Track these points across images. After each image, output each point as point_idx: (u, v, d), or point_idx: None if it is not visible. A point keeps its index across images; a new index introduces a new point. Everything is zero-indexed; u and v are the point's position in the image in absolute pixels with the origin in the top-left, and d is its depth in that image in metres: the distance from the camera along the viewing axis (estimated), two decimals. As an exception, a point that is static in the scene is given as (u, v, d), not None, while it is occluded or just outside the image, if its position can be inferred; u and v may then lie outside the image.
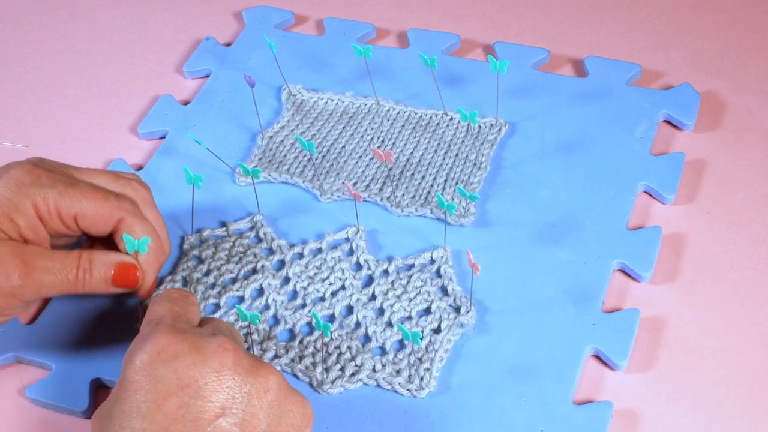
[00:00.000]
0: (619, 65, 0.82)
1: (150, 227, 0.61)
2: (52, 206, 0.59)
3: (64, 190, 0.59)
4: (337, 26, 0.88)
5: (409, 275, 0.68)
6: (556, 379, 0.61)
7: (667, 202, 0.72)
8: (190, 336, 0.52)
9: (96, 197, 0.60)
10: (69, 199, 0.59)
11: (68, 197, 0.59)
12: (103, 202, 0.60)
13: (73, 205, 0.59)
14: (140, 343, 0.52)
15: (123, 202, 0.60)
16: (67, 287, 0.59)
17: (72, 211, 0.59)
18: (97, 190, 0.60)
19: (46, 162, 0.62)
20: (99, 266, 0.60)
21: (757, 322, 0.65)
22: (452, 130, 0.78)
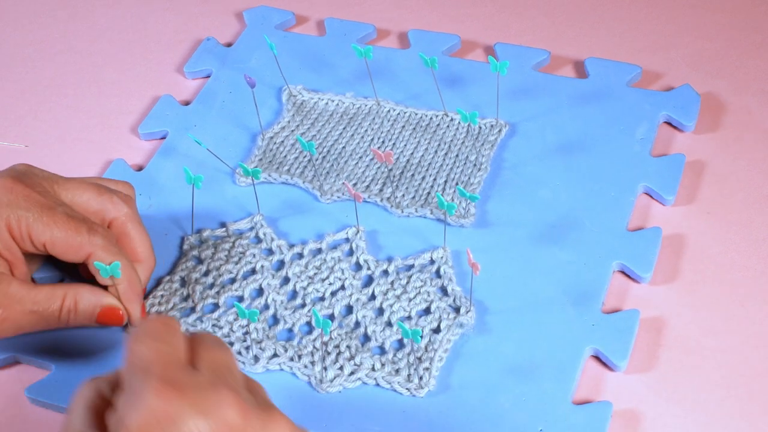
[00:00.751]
0: (620, 66, 0.82)
1: (122, 260, 0.61)
2: (24, 229, 0.60)
3: (38, 215, 0.60)
4: (337, 27, 0.88)
5: (408, 275, 0.68)
6: (555, 379, 0.61)
7: (667, 203, 0.72)
8: (189, 393, 0.46)
9: (68, 228, 0.60)
10: (42, 226, 0.60)
11: (41, 224, 0.60)
12: (74, 235, 0.60)
13: (45, 233, 0.60)
14: (135, 407, 0.45)
15: (94, 236, 0.60)
16: (50, 325, 0.61)
17: (42, 238, 0.60)
18: (71, 221, 0.60)
19: (30, 175, 0.62)
20: (84, 308, 0.61)
21: (757, 322, 0.65)
22: (452, 130, 0.78)
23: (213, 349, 0.50)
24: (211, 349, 0.50)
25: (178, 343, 0.50)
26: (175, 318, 0.57)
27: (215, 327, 0.65)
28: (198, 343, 0.51)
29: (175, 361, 0.48)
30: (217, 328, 0.65)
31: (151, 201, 0.74)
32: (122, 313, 0.61)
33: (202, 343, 0.51)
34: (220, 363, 0.49)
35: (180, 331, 0.51)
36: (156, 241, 0.71)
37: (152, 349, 0.48)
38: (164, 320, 0.51)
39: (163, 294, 0.67)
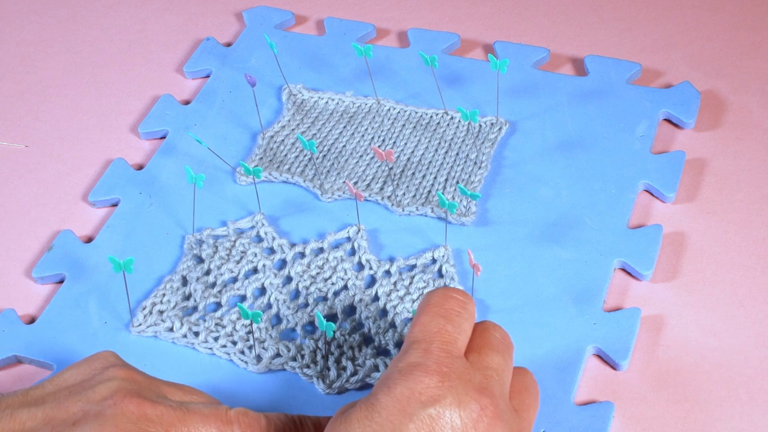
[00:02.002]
0: (620, 64, 0.82)
1: None
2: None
3: None
4: (337, 26, 0.88)
5: (411, 276, 0.68)
6: (557, 379, 0.61)
7: (667, 201, 0.72)
8: (458, 383, 0.49)
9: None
10: None
11: None
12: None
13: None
14: (405, 371, 0.49)
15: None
16: None
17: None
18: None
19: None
20: None
21: (757, 322, 0.65)
22: (453, 129, 0.78)
23: (493, 351, 0.52)
24: (491, 349, 0.52)
25: (465, 326, 0.52)
26: (473, 300, 0.54)
27: (218, 326, 0.65)
28: (483, 336, 0.53)
29: (455, 350, 0.50)
30: (220, 327, 0.65)
31: (152, 200, 0.74)
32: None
33: (486, 338, 0.53)
34: (494, 368, 0.51)
35: (472, 315, 0.53)
36: (157, 240, 0.71)
37: (440, 328, 0.51)
38: (463, 301, 0.53)
39: (165, 293, 0.67)
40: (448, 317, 0.52)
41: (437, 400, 0.48)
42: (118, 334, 0.66)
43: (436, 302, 0.53)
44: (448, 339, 0.51)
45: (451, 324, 0.52)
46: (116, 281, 0.68)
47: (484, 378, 0.50)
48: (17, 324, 0.67)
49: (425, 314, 0.52)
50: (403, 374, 0.49)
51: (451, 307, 0.52)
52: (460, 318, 0.52)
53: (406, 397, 0.48)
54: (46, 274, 0.70)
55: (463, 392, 0.48)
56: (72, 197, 0.76)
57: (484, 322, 0.54)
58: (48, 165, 0.79)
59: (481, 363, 0.51)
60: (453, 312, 0.52)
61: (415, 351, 0.50)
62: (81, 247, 0.71)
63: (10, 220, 0.75)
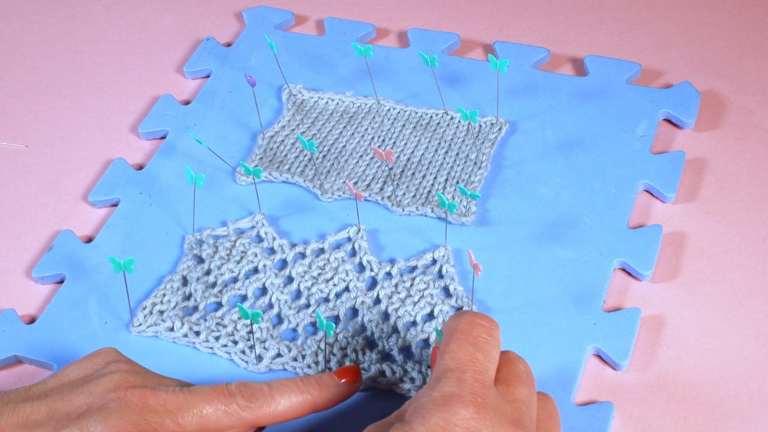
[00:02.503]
0: (620, 64, 0.82)
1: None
2: None
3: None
4: (337, 26, 0.88)
5: (412, 277, 0.68)
6: (557, 379, 0.61)
7: (667, 201, 0.72)
8: (492, 416, 0.48)
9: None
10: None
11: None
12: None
13: None
14: (440, 402, 0.48)
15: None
16: None
17: None
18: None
19: (151, 420, 0.53)
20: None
21: (757, 322, 0.65)
22: (453, 129, 0.78)
23: (520, 383, 0.52)
24: (519, 381, 0.52)
25: (494, 354, 0.52)
26: (498, 325, 0.54)
27: (219, 325, 0.65)
28: (509, 368, 0.53)
29: (487, 378, 0.50)
30: (221, 327, 0.65)
31: (152, 200, 0.74)
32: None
33: (513, 370, 0.53)
34: (524, 400, 0.51)
35: (499, 342, 0.53)
36: (157, 240, 0.71)
37: (470, 356, 0.51)
38: (489, 327, 0.53)
39: (165, 293, 0.67)
40: (477, 345, 0.51)
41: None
42: (119, 334, 0.66)
43: (464, 329, 0.52)
44: (479, 368, 0.50)
45: (481, 352, 0.51)
46: (116, 281, 0.68)
47: (515, 411, 0.50)
48: (17, 324, 0.67)
49: (455, 341, 0.52)
50: (438, 405, 0.48)
51: (479, 335, 0.52)
52: (488, 345, 0.52)
53: (441, 427, 0.47)
54: (47, 274, 0.70)
55: (497, 425, 0.48)
56: (72, 197, 0.76)
57: (508, 353, 0.54)
58: (48, 165, 0.79)
59: (511, 395, 0.51)
60: (481, 339, 0.52)
61: (449, 380, 0.50)
62: (81, 247, 0.71)
63: (10, 220, 0.75)
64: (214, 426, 0.54)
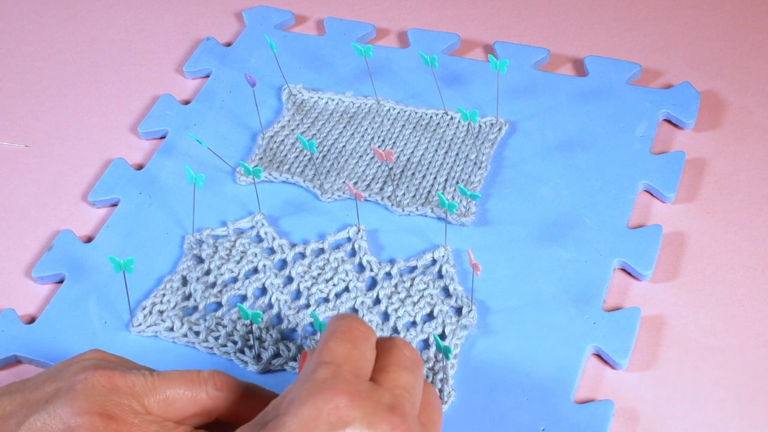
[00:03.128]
0: (619, 64, 0.82)
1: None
2: None
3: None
4: (337, 26, 0.88)
5: (412, 278, 0.67)
6: (557, 378, 0.61)
7: (667, 201, 0.72)
8: (367, 403, 0.48)
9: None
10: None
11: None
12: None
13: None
14: (313, 391, 0.48)
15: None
16: None
17: None
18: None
19: (116, 399, 0.53)
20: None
21: (757, 322, 0.65)
22: (453, 129, 0.78)
23: (401, 370, 0.52)
24: (399, 367, 0.52)
25: (369, 355, 0.52)
26: (372, 329, 0.54)
27: (219, 325, 0.65)
28: (391, 354, 0.52)
29: (363, 372, 0.50)
30: (220, 327, 0.65)
31: (152, 200, 0.74)
32: None
33: (395, 357, 0.52)
34: (403, 385, 0.51)
35: (374, 345, 0.53)
36: (156, 240, 0.71)
37: (347, 352, 0.51)
38: (363, 326, 0.53)
39: (165, 293, 0.67)
40: (354, 343, 0.52)
41: (346, 422, 0.47)
42: (118, 333, 0.66)
43: (343, 329, 0.52)
44: (355, 363, 0.50)
45: (358, 350, 0.51)
46: (116, 281, 0.68)
47: (394, 397, 0.50)
48: (17, 324, 0.67)
49: (333, 339, 0.52)
50: (311, 394, 0.48)
51: (357, 336, 0.52)
52: (364, 345, 0.52)
53: (313, 418, 0.47)
54: (46, 274, 0.70)
55: (372, 412, 0.48)
56: (72, 197, 0.76)
57: (392, 338, 0.54)
58: (48, 165, 0.79)
59: (390, 382, 0.51)
60: (359, 340, 0.52)
61: (324, 372, 0.49)
62: (81, 247, 0.71)
63: (9, 220, 0.75)
64: (179, 412, 0.53)
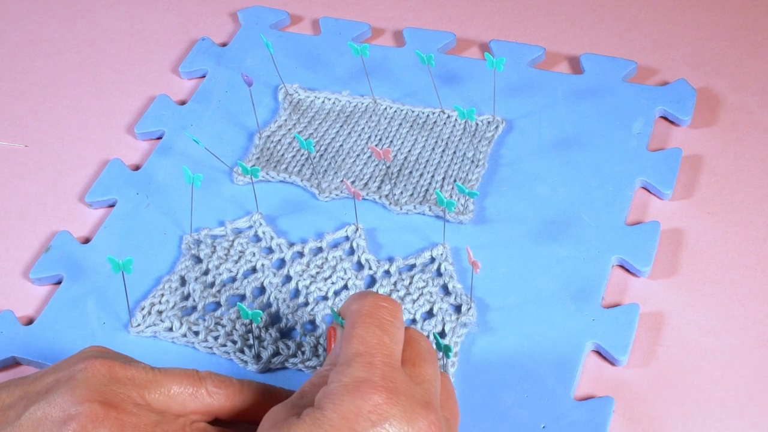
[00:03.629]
0: (615, 62, 0.82)
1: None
2: None
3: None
4: (332, 26, 0.88)
5: (411, 276, 0.68)
6: (557, 375, 0.61)
7: (664, 198, 0.72)
8: (404, 400, 0.48)
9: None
10: None
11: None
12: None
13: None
14: (351, 387, 0.48)
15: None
16: None
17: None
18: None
19: (117, 389, 0.53)
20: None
21: (757, 321, 0.65)
22: (450, 127, 0.78)
23: (425, 362, 0.52)
24: (424, 360, 0.52)
25: (399, 336, 0.52)
26: (399, 305, 0.53)
27: (218, 325, 0.65)
28: (413, 347, 0.52)
29: (395, 359, 0.50)
30: (219, 326, 0.65)
31: (149, 200, 0.74)
32: None
33: (417, 349, 0.52)
34: (430, 379, 0.51)
35: (402, 322, 0.53)
36: (154, 240, 0.71)
37: (378, 340, 0.50)
38: (391, 308, 0.52)
39: (163, 293, 0.67)
40: (383, 327, 0.51)
41: (386, 419, 0.47)
42: (117, 334, 0.66)
43: (368, 312, 0.52)
44: (387, 351, 0.50)
45: (387, 335, 0.51)
46: (114, 282, 0.68)
47: (425, 392, 0.50)
48: (15, 325, 0.66)
49: (360, 325, 0.51)
50: (349, 390, 0.48)
51: (384, 317, 0.52)
52: (393, 327, 0.52)
53: (354, 414, 0.47)
54: (44, 275, 0.70)
55: (410, 409, 0.48)
56: (69, 198, 0.76)
57: (409, 329, 0.54)
58: (45, 165, 0.79)
59: (419, 376, 0.51)
60: (386, 321, 0.52)
61: (359, 365, 0.49)
62: (78, 248, 0.71)
63: (7, 221, 0.75)
64: (179, 407, 0.53)
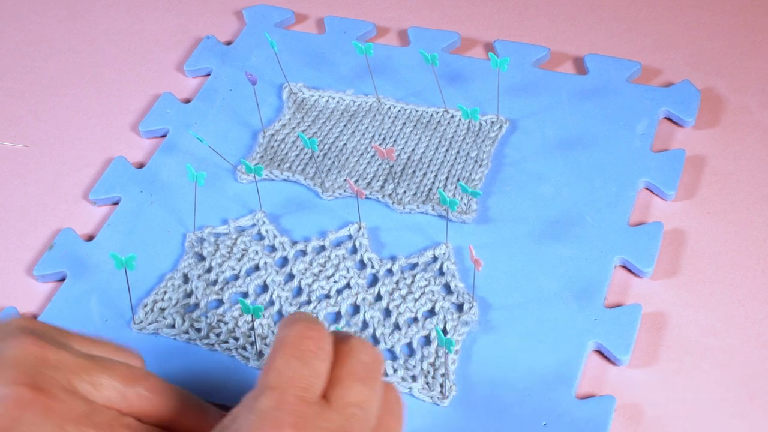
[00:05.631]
0: (620, 63, 0.82)
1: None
2: None
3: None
4: (337, 25, 0.88)
5: (413, 274, 0.68)
6: (558, 374, 0.62)
7: (667, 198, 0.72)
8: (310, 430, 0.45)
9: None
10: None
11: None
12: None
13: None
14: (255, 425, 0.45)
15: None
16: None
17: None
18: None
19: (47, 374, 0.49)
20: None
21: (757, 321, 0.65)
22: (453, 127, 0.78)
23: (355, 384, 0.48)
24: (353, 379, 0.48)
25: (322, 369, 0.48)
26: (329, 334, 0.49)
27: (220, 322, 0.65)
28: (346, 364, 0.49)
29: (312, 393, 0.47)
30: (222, 324, 0.65)
31: (153, 198, 0.74)
32: None
33: (349, 367, 0.49)
34: (356, 402, 0.48)
35: (329, 354, 0.49)
36: (158, 238, 0.71)
37: (294, 372, 0.47)
38: (318, 338, 0.49)
39: (166, 290, 0.67)
40: (304, 359, 0.47)
41: None
42: (120, 331, 0.66)
43: (292, 342, 0.48)
44: (304, 385, 0.47)
45: (307, 367, 0.47)
46: (117, 279, 0.68)
47: (345, 419, 0.46)
48: (18, 322, 0.66)
49: (280, 357, 0.48)
50: (254, 427, 0.45)
51: (307, 348, 0.48)
52: (316, 360, 0.48)
53: None
54: (48, 272, 0.70)
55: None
56: (73, 196, 0.76)
57: (350, 340, 0.50)
58: (48, 164, 0.79)
59: (343, 400, 0.47)
60: (309, 353, 0.48)
61: (268, 398, 0.46)
62: (82, 245, 0.71)
63: (10, 219, 0.75)
64: (105, 400, 0.50)
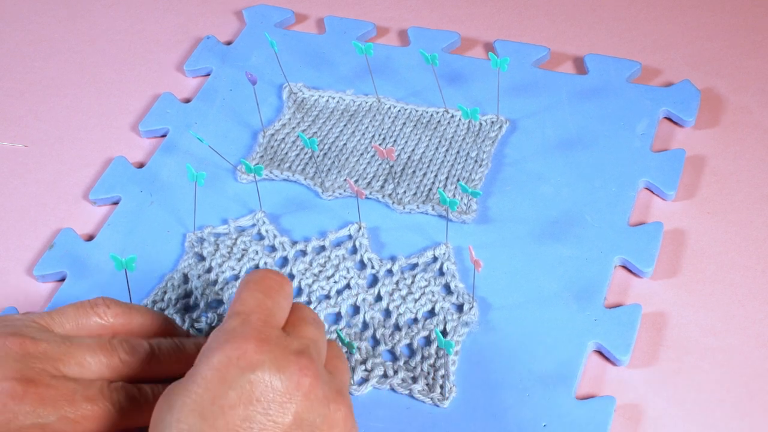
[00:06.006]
0: (620, 62, 0.82)
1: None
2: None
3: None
4: (337, 25, 0.88)
5: (413, 275, 0.68)
6: (558, 374, 0.61)
7: (667, 198, 0.72)
8: (275, 348, 0.50)
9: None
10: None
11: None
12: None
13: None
14: (222, 341, 0.50)
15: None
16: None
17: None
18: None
19: (33, 365, 0.52)
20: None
21: (757, 321, 0.65)
22: (453, 127, 0.78)
23: (308, 324, 0.54)
24: (306, 322, 0.54)
25: (283, 304, 0.54)
26: (289, 281, 0.55)
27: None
28: (297, 313, 0.55)
29: (273, 321, 0.52)
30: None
31: (153, 198, 0.74)
32: None
33: (300, 314, 0.55)
34: (311, 337, 0.53)
35: (290, 295, 0.55)
36: (158, 238, 0.71)
37: (259, 302, 0.52)
38: (279, 278, 0.55)
39: (166, 290, 0.67)
40: (267, 293, 0.53)
41: (256, 366, 0.49)
42: (120, 331, 0.66)
43: (256, 280, 0.54)
44: (266, 312, 0.52)
45: (270, 299, 0.53)
46: (117, 279, 0.68)
47: (301, 345, 0.51)
48: (18, 322, 0.66)
49: (245, 290, 0.53)
50: (221, 343, 0.50)
51: (270, 285, 0.54)
52: (278, 295, 0.54)
53: (224, 365, 0.49)
54: (48, 272, 0.70)
55: (281, 356, 0.50)
56: (73, 196, 0.76)
57: (298, 304, 0.56)
58: (48, 164, 0.79)
59: (298, 333, 0.53)
60: (271, 289, 0.54)
61: (234, 321, 0.51)
62: (82, 245, 0.71)
63: (10, 219, 0.75)
64: (93, 375, 0.54)
